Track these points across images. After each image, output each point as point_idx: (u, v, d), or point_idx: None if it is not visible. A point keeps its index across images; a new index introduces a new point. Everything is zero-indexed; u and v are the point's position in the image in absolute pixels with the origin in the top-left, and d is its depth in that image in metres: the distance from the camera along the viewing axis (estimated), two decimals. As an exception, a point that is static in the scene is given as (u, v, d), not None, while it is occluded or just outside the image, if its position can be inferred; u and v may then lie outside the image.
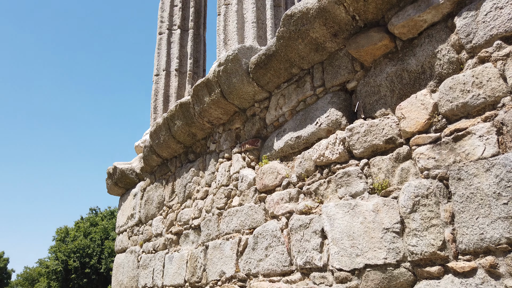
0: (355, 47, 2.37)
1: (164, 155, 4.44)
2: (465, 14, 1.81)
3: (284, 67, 2.89)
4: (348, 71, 2.51)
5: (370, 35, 2.29)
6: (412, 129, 1.98)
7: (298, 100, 2.86)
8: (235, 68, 3.17)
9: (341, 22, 2.41)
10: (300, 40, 2.65)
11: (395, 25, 2.13)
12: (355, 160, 2.30)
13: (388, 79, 2.22)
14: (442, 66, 1.93)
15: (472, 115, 1.75)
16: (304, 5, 2.53)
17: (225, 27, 4.23)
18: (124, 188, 5.49)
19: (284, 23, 2.68)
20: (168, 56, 5.61)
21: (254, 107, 3.32)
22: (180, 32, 5.70)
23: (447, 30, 1.93)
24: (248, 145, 3.25)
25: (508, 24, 1.63)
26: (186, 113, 3.80)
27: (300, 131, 2.76)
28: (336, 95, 2.55)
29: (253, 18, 4.13)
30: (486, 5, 1.73)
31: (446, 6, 1.92)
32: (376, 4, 2.22)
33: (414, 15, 2.03)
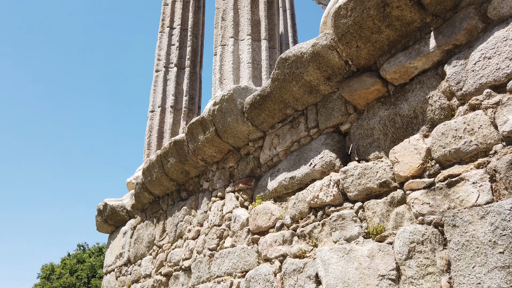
0: (348, 91, 2.42)
1: (156, 192, 4.38)
2: (455, 62, 1.87)
3: (278, 108, 2.93)
4: (342, 113, 2.54)
5: (363, 79, 2.34)
6: (406, 174, 1.98)
7: (292, 141, 2.88)
8: (230, 107, 3.20)
9: (334, 66, 2.47)
10: (294, 83, 2.70)
11: (387, 71, 2.18)
12: (350, 203, 2.29)
13: (381, 123, 2.25)
14: (434, 111, 1.96)
15: (465, 161, 1.76)
16: (299, 49, 2.60)
17: (221, 67, 4.32)
18: (114, 226, 5.37)
19: (279, 66, 2.74)
20: (164, 93, 5.68)
21: (248, 146, 3.33)
22: (176, 70, 5.80)
23: (438, 77, 1.98)
24: (242, 184, 3.22)
25: (496, 74, 1.68)
26: (180, 151, 3.79)
27: (294, 171, 2.75)
28: (330, 137, 2.57)
29: (249, 59, 4.23)
30: (475, 54, 1.78)
31: (436, 55, 1.98)
32: (368, 50, 2.29)
33: (405, 62, 2.08)
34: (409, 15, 2.07)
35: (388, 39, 2.21)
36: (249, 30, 4.37)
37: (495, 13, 1.75)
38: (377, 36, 2.22)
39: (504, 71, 1.65)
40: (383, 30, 2.18)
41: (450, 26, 1.92)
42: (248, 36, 4.36)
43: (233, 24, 4.44)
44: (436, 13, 2.02)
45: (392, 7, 2.08)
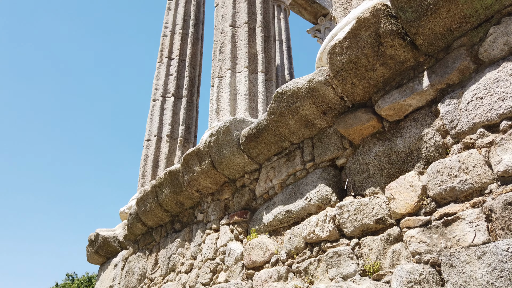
0: (343, 126, 2.44)
1: (150, 223, 4.31)
2: (448, 101, 1.90)
3: (274, 141, 2.94)
4: (337, 148, 2.55)
5: (358, 115, 2.37)
6: (402, 211, 1.97)
7: (288, 174, 2.87)
8: (227, 139, 3.21)
9: (330, 101, 2.50)
10: (290, 116, 2.73)
11: (381, 108, 2.22)
12: (346, 239, 2.26)
13: (376, 158, 2.26)
14: (428, 149, 1.98)
15: (461, 200, 1.76)
16: (295, 84, 2.64)
17: (218, 98, 4.36)
18: (105, 257, 5.24)
19: (276, 100, 2.77)
20: (160, 122, 5.70)
21: (244, 178, 3.32)
22: (173, 100, 5.85)
23: (432, 115, 2.01)
24: (237, 217, 3.19)
25: (489, 114, 1.71)
26: (175, 181, 3.77)
27: (290, 205, 2.73)
28: (325, 171, 2.57)
29: (245, 91, 4.28)
30: (468, 94, 1.82)
31: (430, 93, 2.01)
32: (363, 87, 2.33)
33: (400, 99, 2.12)
34: (402, 55, 2.12)
35: (382, 77, 2.25)
36: (246, 63, 4.45)
37: (486, 55, 1.80)
38: (372, 74, 2.26)
39: (496, 111, 1.68)
40: (378, 68, 2.23)
41: (442, 66, 1.97)
42: (245, 68, 4.43)
43: (230, 57, 4.52)
44: (429, 53, 2.08)
45: (386, 46, 2.13)
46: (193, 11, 6.66)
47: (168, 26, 6.52)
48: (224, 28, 4.78)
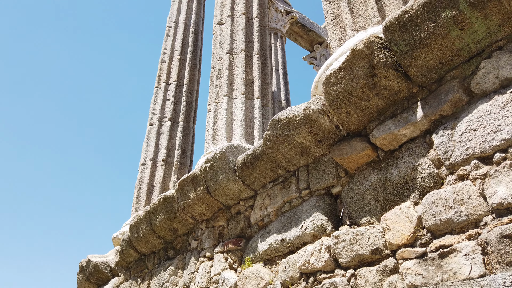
0: (339, 154, 2.45)
1: (142, 250, 4.24)
2: (442, 132, 1.92)
3: (270, 168, 2.94)
4: (333, 176, 2.55)
5: (353, 144, 2.38)
6: (397, 242, 1.96)
7: (283, 201, 2.86)
8: (222, 165, 3.21)
9: (325, 130, 2.52)
10: (286, 144, 2.74)
11: (376, 137, 2.23)
12: (342, 270, 2.23)
13: (372, 188, 2.25)
14: (423, 179, 1.98)
15: (456, 232, 1.75)
16: (291, 112, 2.67)
17: (214, 123, 4.38)
18: (96, 284, 5.12)
19: (271, 127, 2.79)
20: (156, 146, 5.70)
21: (239, 204, 3.29)
22: (170, 124, 5.87)
23: (426, 146, 2.02)
24: (231, 245, 3.14)
25: (482, 146, 1.72)
26: (170, 207, 3.73)
27: (285, 233, 2.70)
28: (321, 199, 2.56)
29: (242, 117, 4.31)
30: (461, 126, 1.84)
31: (424, 124, 2.04)
32: (358, 116, 2.36)
33: (394, 129, 2.14)
34: (396, 85, 2.16)
35: (377, 107, 2.28)
36: (243, 89, 4.50)
37: (478, 88, 1.84)
38: (366, 103, 2.29)
39: (489, 143, 1.69)
40: (372, 98, 2.26)
41: (436, 97, 2.00)
42: (242, 94, 4.48)
43: (227, 83, 4.58)
44: (422, 85, 2.11)
45: (380, 77, 2.17)
46: (192, 37, 6.79)
47: (167, 52, 6.62)
48: (222, 55, 4.86)
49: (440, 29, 1.89)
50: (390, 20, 2.07)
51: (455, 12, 1.83)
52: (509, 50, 1.75)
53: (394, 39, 2.07)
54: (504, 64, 1.74)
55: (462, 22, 1.83)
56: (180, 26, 6.85)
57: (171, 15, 7.06)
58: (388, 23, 2.08)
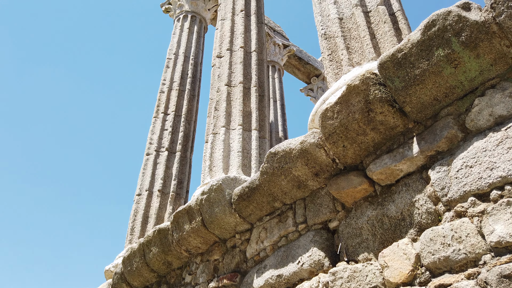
0: (336, 188, 2.44)
1: (135, 284, 4.12)
2: (438, 168, 1.92)
3: (267, 201, 2.91)
4: (330, 210, 2.53)
5: (350, 178, 2.38)
6: (396, 280, 1.91)
7: (280, 235, 2.81)
8: (218, 198, 3.18)
9: (322, 163, 2.52)
10: (283, 177, 2.73)
11: (373, 172, 2.23)
12: (339, 308, 2.16)
13: (369, 223, 2.23)
14: (421, 215, 1.97)
15: (455, 270, 1.71)
16: (288, 145, 2.68)
17: (211, 154, 4.38)
18: (86, 319, 4.94)
19: (268, 160, 2.79)
20: (152, 176, 5.66)
21: (235, 238, 3.24)
22: (167, 154, 5.86)
23: (423, 181, 2.02)
24: (226, 280, 3.07)
25: (479, 183, 1.72)
26: (164, 240, 3.66)
27: (281, 269, 2.64)
28: (318, 234, 2.52)
29: (239, 148, 4.32)
30: (457, 162, 1.85)
31: (420, 159, 2.04)
32: (354, 150, 2.36)
33: (391, 164, 2.14)
34: (392, 121, 2.18)
35: (373, 141, 2.29)
36: (240, 121, 4.53)
37: (473, 125, 1.85)
38: (363, 138, 2.31)
39: (486, 180, 1.69)
40: (368, 133, 2.27)
41: (431, 133, 2.01)
42: (239, 126, 4.50)
43: (225, 114, 4.62)
44: (418, 120, 2.14)
45: (376, 113, 2.19)
46: (191, 69, 6.90)
47: (166, 83, 6.71)
48: (220, 87, 4.93)
49: (434, 67, 1.93)
50: (385, 58, 2.12)
51: (448, 51, 1.88)
52: (502, 88, 1.78)
53: (389, 75, 2.11)
54: (497, 102, 1.77)
55: (455, 61, 1.87)
56: (179, 58, 6.98)
57: (171, 48, 7.21)
58: (383, 60, 2.13)
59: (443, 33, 1.88)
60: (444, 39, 1.88)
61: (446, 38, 1.87)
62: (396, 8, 3.23)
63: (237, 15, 5.66)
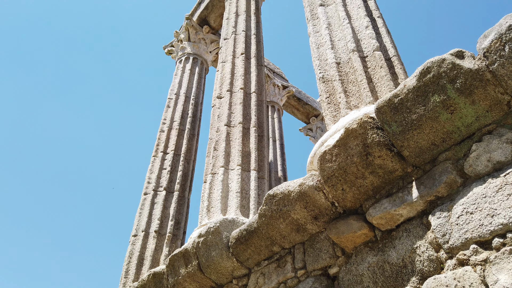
0: (335, 233, 2.39)
1: (127, 331, 3.94)
2: (439, 214, 1.90)
3: (265, 245, 2.85)
4: (330, 255, 2.47)
5: (350, 222, 2.34)
6: (399, 332, 1.83)
7: (278, 281, 2.72)
8: (215, 241, 3.11)
9: (321, 206, 2.49)
10: (281, 220, 2.68)
11: (373, 216, 2.20)
12: None
13: (370, 269, 2.17)
14: (422, 263, 1.91)
15: (461, 323, 1.64)
16: (286, 187, 2.65)
17: (209, 195, 4.34)
18: None
19: (267, 202, 2.75)
20: (149, 217, 5.57)
21: (232, 283, 3.14)
22: (165, 194, 5.81)
23: (423, 227, 1.98)
24: (222, 328, 2.93)
25: (480, 230, 1.69)
26: (159, 285, 3.54)
27: (279, 317, 2.54)
28: (318, 280, 2.45)
29: (237, 188, 4.28)
30: (457, 208, 1.82)
31: (420, 204, 2.02)
32: (353, 194, 2.34)
33: (390, 209, 2.11)
34: (390, 165, 2.18)
35: (372, 185, 2.28)
36: (239, 161, 4.53)
37: (472, 170, 1.85)
38: (362, 181, 2.29)
39: (487, 227, 1.66)
40: (367, 176, 2.26)
41: (430, 178, 2.00)
42: (238, 166, 4.49)
43: (224, 154, 4.62)
44: (416, 164, 2.13)
45: (374, 156, 2.19)
46: (191, 109, 6.99)
47: (166, 122, 6.77)
48: (220, 127, 4.96)
49: (430, 112, 1.96)
50: (382, 102, 2.15)
51: (443, 97, 1.91)
52: (499, 134, 1.79)
53: (386, 120, 2.13)
54: (495, 148, 1.77)
55: (451, 107, 1.90)
56: (180, 98, 7.09)
57: (172, 88, 7.34)
58: (380, 105, 2.16)
59: (438, 79, 1.92)
60: (439, 85, 1.92)
61: (441, 84, 1.90)
62: (392, 53, 3.32)
63: (237, 58, 5.81)
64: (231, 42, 5.99)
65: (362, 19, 3.59)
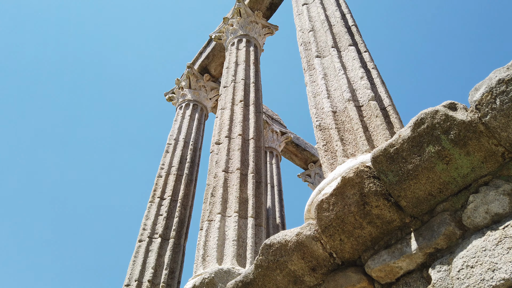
0: (334, 286, 2.31)
1: None
2: (439, 267, 1.84)
3: (261, 297, 2.74)
4: (328, 309, 2.37)
5: (348, 275, 2.27)
6: None
7: (274, 337, 2.59)
8: (210, 292, 3.00)
9: (319, 257, 2.42)
10: (278, 271, 2.60)
11: (372, 269, 2.13)
12: None
13: (370, 326, 2.07)
14: (425, 320, 1.84)
15: None
16: (283, 237, 2.60)
17: (205, 243, 4.24)
18: None
19: (263, 252, 2.68)
20: (143, 265, 5.41)
21: None
22: (160, 241, 5.68)
23: (424, 281, 1.92)
24: None
25: (482, 285, 1.64)
26: None
27: None
28: (316, 337, 2.33)
29: (234, 236, 4.19)
30: (457, 261, 1.78)
31: (419, 256, 1.97)
32: (351, 244, 2.29)
33: (389, 261, 2.06)
34: (388, 215, 2.15)
35: (370, 235, 2.23)
36: (236, 208, 4.47)
37: (470, 222, 1.82)
38: (360, 232, 2.25)
39: (489, 283, 1.61)
40: (365, 226, 2.23)
41: (429, 229, 1.97)
42: (235, 213, 4.43)
43: (221, 201, 4.57)
44: (414, 215, 2.11)
45: (372, 206, 2.17)
46: (190, 154, 7.02)
47: (164, 167, 6.76)
48: (217, 173, 4.96)
49: (426, 162, 1.96)
50: (378, 152, 2.16)
51: (438, 147, 1.92)
52: (495, 186, 1.79)
53: (382, 169, 2.13)
54: (492, 200, 1.76)
55: (446, 157, 1.91)
56: (179, 143, 7.14)
57: (171, 133, 7.42)
58: (376, 154, 2.17)
59: (432, 130, 1.94)
60: (433, 136, 1.94)
61: (436, 135, 1.93)
62: (387, 103, 3.39)
63: (236, 105, 5.92)
64: (230, 90, 6.13)
65: (357, 70, 3.71)
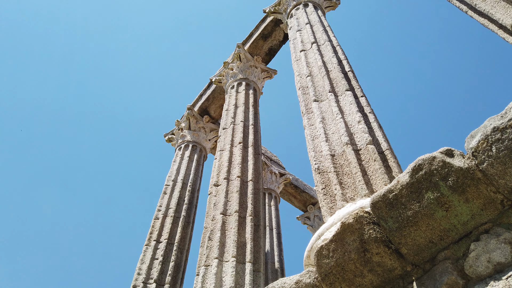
0: (335, 338, 2.21)
1: None
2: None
3: None
4: None
5: (350, 326, 2.18)
6: None
7: None
8: None
9: (319, 307, 2.34)
10: (277, 321, 2.50)
11: (374, 320, 2.05)
12: None
13: None
14: None
15: None
16: (282, 285, 2.53)
17: (202, 290, 4.10)
18: None
19: (261, 301, 2.59)
20: (136, 313, 5.19)
21: None
22: (155, 287, 5.49)
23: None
24: None
25: None
26: None
27: None
28: None
29: (231, 283, 4.06)
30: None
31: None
32: (352, 293, 2.22)
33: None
34: (389, 262, 2.10)
35: (372, 284, 2.17)
36: (234, 252, 4.37)
37: (472, 271, 1.78)
38: (360, 280, 2.19)
39: (497, 337, 1.55)
40: (366, 274, 2.17)
41: (431, 278, 1.92)
42: (233, 258, 4.32)
43: (219, 245, 4.47)
44: (415, 263, 2.06)
45: (372, 253, 2.13)
46: (188, 195, 6.95)
47: (161, 209, 6.67)
48: (215, 216, 4.89)
49: (425, 209, 1.95)
50: (377, 197, 2.15)
51: (437, 194, 1.91)
52: (496, 234, 1.76)
53: (382, 215, 2.11)
54: (494, 248, 1.73)
55: (446, 204, 1.90)
56: (178, 184, 7.08)
57: (170, 174, 7.39)
58: (375, 200, 2.16)
59: (431, 177, 1.95)
60: (432, 182, 1.94)
61: (434, 181, 1.93)
62: (385, 147, 3.41)
63: (235, 147, 5.94)
64: (229, 132, 6.18)
65: (354, 114, 3.77)
